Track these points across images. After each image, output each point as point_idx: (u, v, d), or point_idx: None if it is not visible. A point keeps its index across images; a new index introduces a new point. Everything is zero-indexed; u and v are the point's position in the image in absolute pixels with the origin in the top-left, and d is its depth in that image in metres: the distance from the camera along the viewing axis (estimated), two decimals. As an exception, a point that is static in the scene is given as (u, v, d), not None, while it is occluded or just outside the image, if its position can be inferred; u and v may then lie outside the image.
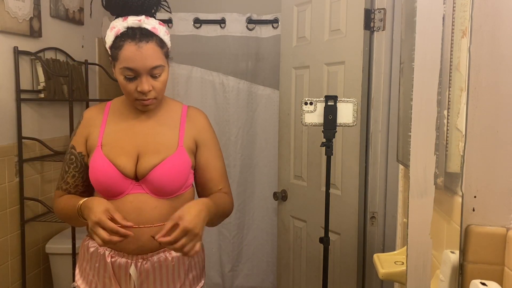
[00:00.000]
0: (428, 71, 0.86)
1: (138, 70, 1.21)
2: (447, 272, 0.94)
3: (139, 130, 1.32)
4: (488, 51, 0.89)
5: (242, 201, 2.98)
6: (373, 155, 2.05)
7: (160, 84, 1.26)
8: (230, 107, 2.94)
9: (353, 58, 2.01)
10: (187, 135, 1.34)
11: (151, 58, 1.22)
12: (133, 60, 1.20)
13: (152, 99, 1.27)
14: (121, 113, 1.35)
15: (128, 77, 1.23)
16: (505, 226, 0.90)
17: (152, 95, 1.26)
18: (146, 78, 1.23)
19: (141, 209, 1.27)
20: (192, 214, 1.15)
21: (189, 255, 1.14)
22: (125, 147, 1.29)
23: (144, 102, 1.26)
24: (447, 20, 0.98)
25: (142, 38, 1.21)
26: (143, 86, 1.22)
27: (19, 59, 2.20)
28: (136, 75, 1.23)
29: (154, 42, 1.23)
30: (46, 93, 2.33)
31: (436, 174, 0.95)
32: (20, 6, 2.20)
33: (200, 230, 1.15)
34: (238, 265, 3.05)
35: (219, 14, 2.90)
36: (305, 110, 1.64)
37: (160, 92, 1.28)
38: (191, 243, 1.13)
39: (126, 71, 1.22)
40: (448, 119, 1.02)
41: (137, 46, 1.20)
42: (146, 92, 1.24)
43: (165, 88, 1.31)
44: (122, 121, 1.34)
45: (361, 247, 2.09)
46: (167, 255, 1.31)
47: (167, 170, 1.27)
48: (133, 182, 1.28)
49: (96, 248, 1.32)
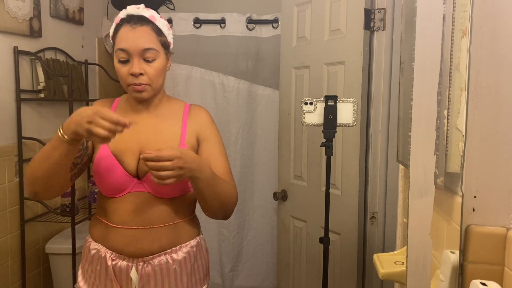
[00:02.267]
0: (428, 71, 0.86)
1: (130, 51, 1.22)
2: (447, 272, 0.94)
3: (141, 127, 1.31)
4: (488, 51, 0.89)
5: (242, 201, 2.98)
6: (373, 155, 2.05)
7: (153, 70, 1.24)
8: (230, 107, 2.94)
9: (353, 58, 2.01)
10: (189, 132, 1.33)
11: (144, 40, 1.22)
12: (126, 40, 1.22)
13: (145, 85, 1.25)
14: (125, 110, 1.35)
15: (122, 60, 1.23)
16: (505, 226, 0.90)
17: (145, 80, 1.24)
18: (138, 60, 1.22)
19: (141, 210, 1.26)
20: (188, 152, 1.16)
21: (163, 182, 1.10)
22: (129, 144, 1.29)
23: (136, 87, 1.24)
24: (447, 20, 0.98)
25: (138, 22, 1.23)
26: (134, 68, 1.21)
27: (19, 59, 2.20)
28: (128, 57, 1.23)
29: (149, 26, 1.24)
30: (46, 93, 2.33)
31: (436, 174, 0.95)
32: (20, 6, 2.19)
33: (187, 167, 1.12)
34: (238, 265, 3.05)
35: (219, 14, 2.90)
36: (305, 110, 1.64)
37: (154, 79, 1.26)
38: (171, 172, 1.09)
39: (119, 53, 1.23)
40: (448, 119, 1.02)
41: (131, 27, 1.23)
42: (137, 74, 1.22)
43: (161, 78, 1.29)
44: (127, 118, 1.33)
45: (361, 247, 2.09)
46: (168, 258, 1.29)
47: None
48: (135, 180, 1.27)
49: (97, 251, 1.31)
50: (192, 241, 1.35)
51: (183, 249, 1.32)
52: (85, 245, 1.37)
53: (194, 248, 1.35)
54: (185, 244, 1.33)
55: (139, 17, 1.24)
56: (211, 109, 2.89)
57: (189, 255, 1.33)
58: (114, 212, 1.28)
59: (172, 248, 1.30)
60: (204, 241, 1.43)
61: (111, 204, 1.29)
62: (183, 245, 1.32)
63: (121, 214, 1.27)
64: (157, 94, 1.33)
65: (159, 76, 1.27)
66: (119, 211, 1.27)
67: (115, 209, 1.28)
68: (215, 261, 3.01)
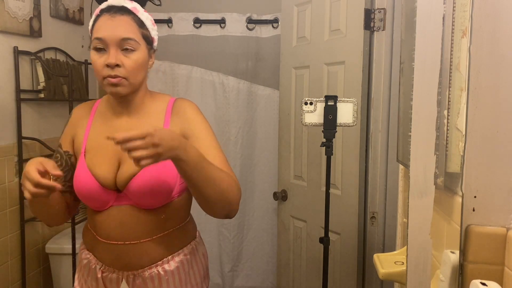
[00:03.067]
0: (428, 71, 0.86)
1: (107, 40, 1.13)
2: (447, 272, 0.94)
3: (122, 131, 1.19)
4: (488, 51, 0.89)
5: (242, 201, 2.96)
6: (373, 155, 2.05)
7: (131, 62, 1.14)
8: (230, 107, 2.94)
9: (353, 58, 2.01)
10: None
11: (122, 29, 1.13)
12: (104, 28, 1.14)
13: (121, 78, 1.13)
14: (105, 114, 1.26)
15: (98, 48, 1.14)
16: (505, 226, 0.90)
17: (121, 72, 1.13)
18: (115, 50, 1.13)
19: (126, 224, 1.19)
20: (165, 130, 1.03)
21: (140, 164, 0.98)
22: (107, 154, 1.20)
23: (111, 79, 1.13)
24: (447, 20, 0.98)
25: (118, 11, 1.15)
26: (110, 58, 1.12)
27: (19, 59, 2.20)
28: (105, 46, 1.13)
29: (130, 17, 1.16)
30: (46, 93, 2.33)
31: (436, 174, 0.95)
32: (20, 6, 2.19)
33: (165, 145, 0.98)
34: (238, 265, 3.05)
35: (219, 14, 2.90)
36: (305, 110, 1.64)
37: (132, 73, 1.15)
38: (146, 151, 0.96)
39: (95, 42, 1.14)
40: (448, 119, 1.02)
41: (110, 16, 1.15)
42: (113, 65, 1.12)
43: (140, 73, 1.18)
44: (105, 123, 1.25)
45: (361, 247, 2.09)
46: (159, 270, 1.22)
47: (147, 179, 1.16)
48: (116, 193, 1.20)
49: (88, 261, 1.27)
50: (186, 249, 1.28)
51: (176, 258, 1.25)
52: (80, 250, 1.33)
53: (187, 255, 1.28)
54: (177, 253, 1.25)
55: (120, 7, 1.16)
56: (211, 109, 2.90)
57: (182, 264, 1.26)
58: (100, 226, 1.22)
59: (163, 260, 1.23)
60: (200, 245, 1.36)
61: (97, 217, 1.23)
62: (175, 254, 1.25)
63: (106, 228, 1.21)
64: (137, 92, 1.22)
65: (137, 70, 1.16)
66: (105, 225, 1.21)
67: (101, 223, 1.22)
68: (215, 261, 3.01)
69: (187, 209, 1.30)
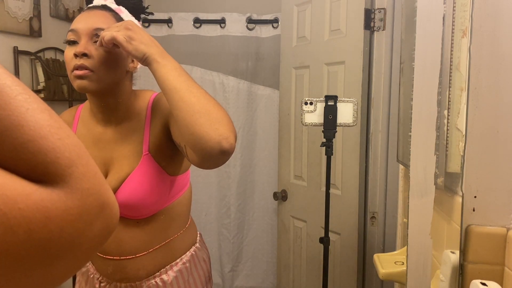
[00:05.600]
0: (428, 71, 0.86)
1: (79, 31, 1.03)
2: (447, 272, 0.94)
3: (105, 140, 1.13)
4: (488, 51, 0.89)
5: (242, 201, 2.98)
6: (373, 155, 2.05)
7: (100, 53, 1.02)
8: (230, 107, 2.94)
9: (353, 58, 2.01)
10: (154, 132, 1.10)
11: (96, 19, 1.05)
12: (78, 21, 1.06)
13: (87, 71, 1.01)
14: (87, 121, 1.18)
15: (69, 40, 1.05)
16: (505, 226, 0.90)
17: (89, 63, 1.01)
18: (86, 41, 1.03)
19: (121, 238, 1.14)
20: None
21: (105, 39, 0.97)
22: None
23: (77, 71, 1.01)
24: (447, 20, 0.98)
25: (97, 8, 1.09)
26: (78, 47, 1.02)
27: (18, 59, 2.20)
28: (77, 37, 1.04)
29: (111, 14, 1.08)
30: (46, 93, 2.33)
31: (436, 174, 0.95)
32: (20, 6, 2.19)
33: (138, 33, 0.95)
34: (238, 265, 3.05)
35: (219, 14, 2.90)
36: (305, 110, 1.64)
37: (101, 67, 1.02)
38: (115, 28, 0.96)
39: (68, 35, 1.06)
40: (448, 119, 1.02)
41: (88, 10, 1.09)
42: (80, 53, 1.00)
43: (112, 69, 1.06)
44: (89, 131, 1.17)
45: (361, 247, 2.09)
46: (158, 281, 1.19)
47: (133, 189, 1.08)
48: None
49: (87, 270, 1.25)
50: (184, 257, 1.24)
51: (174, 267, 1.21)
52: None
53: (186, 264, 1.23)
54: (175, 262, 1.21)
55: (102, 5, 1.10)
56: (211, 109, 2.90)
57: (181, 273, 1.22)
58: None
59: (160, 271, 1.19)
60: (201, 250, 1.30)
61: None
62: (173, 264, 1.21)
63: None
64: (119, 94, 1.11)
65: (108, 65, 1.03)
66: None
67: None
68: (215, 261, 3.01)
69: (185, 215, 1.25)
